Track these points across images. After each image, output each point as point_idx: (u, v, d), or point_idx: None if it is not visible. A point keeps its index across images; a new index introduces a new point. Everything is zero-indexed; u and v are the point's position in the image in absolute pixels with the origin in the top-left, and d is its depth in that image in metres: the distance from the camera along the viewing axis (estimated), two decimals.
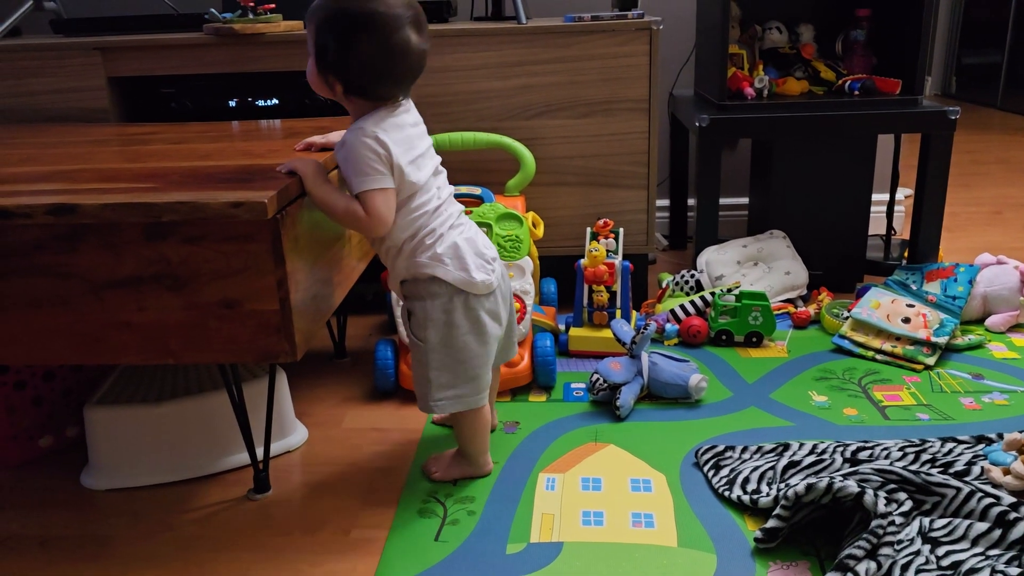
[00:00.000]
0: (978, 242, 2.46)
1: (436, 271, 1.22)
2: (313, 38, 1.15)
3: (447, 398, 1.27)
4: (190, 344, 1.11)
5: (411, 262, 1.23)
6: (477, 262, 1.24)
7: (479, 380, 1.29)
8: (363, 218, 1.16)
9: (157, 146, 1.46)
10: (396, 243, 1.23)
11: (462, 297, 1.23)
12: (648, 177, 1.95)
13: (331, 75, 1.16)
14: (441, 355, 1.25)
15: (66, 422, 1.50)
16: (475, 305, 1.25)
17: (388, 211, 1.17)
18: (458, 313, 1.24)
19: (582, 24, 1.86)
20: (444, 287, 1.23)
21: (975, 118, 4.56)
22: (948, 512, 1.14)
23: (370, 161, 1.14)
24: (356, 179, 1.15)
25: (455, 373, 1.26)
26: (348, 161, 1.16)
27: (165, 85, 1.94)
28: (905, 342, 1.71)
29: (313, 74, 1.18)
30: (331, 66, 1.15)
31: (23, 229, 1.06)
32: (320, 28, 1.14)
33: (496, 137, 1.84)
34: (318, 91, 1.20)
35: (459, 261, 1.22)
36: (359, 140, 1.15)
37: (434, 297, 1.23)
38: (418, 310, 1.25)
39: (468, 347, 1.26)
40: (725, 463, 1.33)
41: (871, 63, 2.13)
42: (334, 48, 1.14)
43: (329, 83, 1.17)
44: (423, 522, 1.24)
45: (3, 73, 1.90)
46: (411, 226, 1.21)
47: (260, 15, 1.88)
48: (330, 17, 1.13)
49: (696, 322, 1.82)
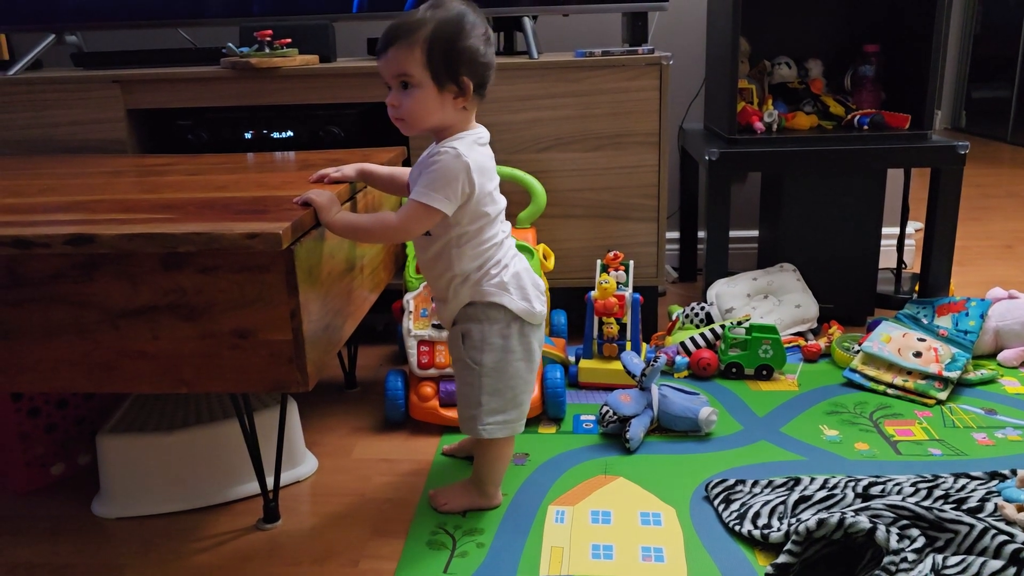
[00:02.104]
0: (989, 276, 2.45)
1: (502, 299, 1.25)
2: (425, 57, 1.15)
3: (496, 423, 1.29)
4: (203, 373, 1.12)
5: (477, 289, 1.25)
6: (535, 292, 1.29)
7: (524, 406, 1.32)
8: (391, 225, 1.20)
9: (174, 177, 1.48)
10: (464, 272, 1.25)
11: (518, 324, 1.27)
12: (658, 210, 1.96)
13: (461, 79, 1.17)
14: (494, 379, 1.27)
15: (78, 450, 1.51)
16: (528, 332, 1.28)
17: (419, 228, 1.21)
18: (514, 339, 1.27)
19: (593, 59, 1.88)
20: (503, 312, 1.25)
21: (985, 152, 4.57)
22: (961, 549, 1.13)
23: (452, 184, 1.17)
24: (425, 188, 1.17)
25: (505, 398, 1.28)
26: (432, 171, 1.17)
27: (182, 117, 1.98)
28: (917, 376, 1.71)
29: (421, 100, 1.17)
30: (457, 72, 1.17)
31: (42, 258, 1.08)
32: (433, 43, 1.15)
33: (507, 170, 1.86)
34: (422, 120, 1.19)
35: (521, 291, 1.26)
36: (457, 162, 1.17)
37: (492, 321, 1.26)
38: (475, 332, 1.26)
39: (519, 373, 1.29)
40: (735, 497, 1.33)
41: (880, 98, 2.15)
42: (456, 52, 1.16)
43: (451, 92, 1.18)
44: (432, 554, 1.24)
45: (25, 105, 1.94)
46: (481, 256, 1.24)
47: (276, 49, 1.92)
48: (437, 28, 1.15)
49: (706, 355, 1.82)
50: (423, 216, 1.18)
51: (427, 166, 1.19)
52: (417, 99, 1.17)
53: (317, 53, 2.01)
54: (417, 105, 1.18)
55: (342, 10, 2.04)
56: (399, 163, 1.70)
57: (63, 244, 1.06)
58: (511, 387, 1.29)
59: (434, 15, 1.16)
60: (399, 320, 1.82)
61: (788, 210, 2.12)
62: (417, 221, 1.19)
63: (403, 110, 1.19)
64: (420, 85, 1.17)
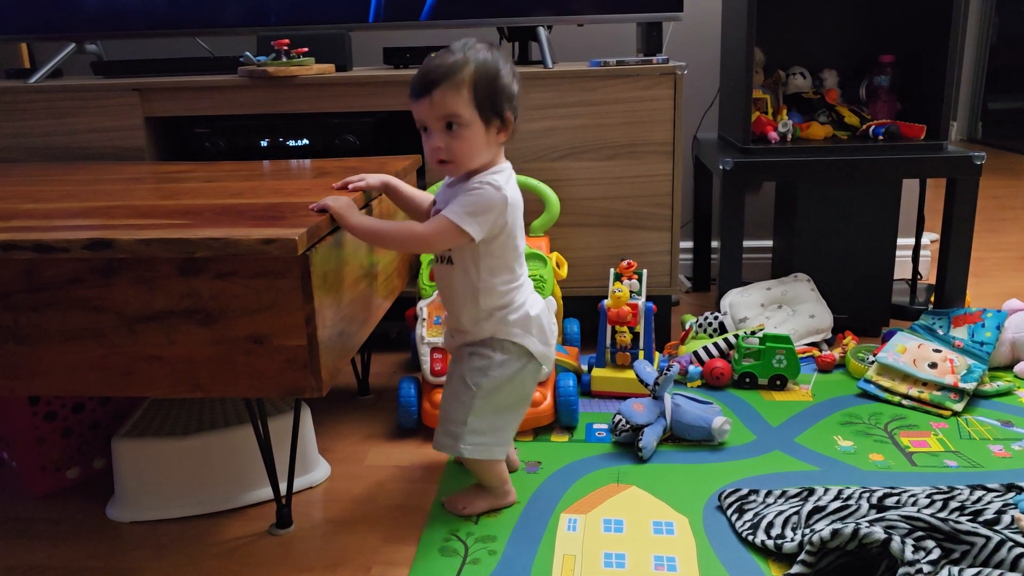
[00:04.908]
0: (1006, 287, 2.44)
1: (525, 341, 1.26)
2: (472, 96, 1.16)
3: (477, 444, 1.29)
4: (218, 378, 1.12)
5: (499, 328, 1.26)
6: (552, 334, 1.31)
7: (505, 434, 1.33)
8: (417, 234, 1.20)
9: (191, 184, 1.49)
10: (489, 308, 1.25)
11: (532, 364, 1.29)
12: (672, 219, 1.96)
13: (505, 115, 1.19)
14: (485, 405, 1.28)
15: (94, 454, 1.52)
16: (535, 372, 1.30)
17: (443, 244, 1.21)
18: (519, 377, 1.28)
19: (608, 68, 1.89)
20: (520, 350, 1.27)
21: (1001, 163, 4.54)
22: (977, 561, 1.12)
23: (487, 214, 1.18)
24: (462, 209, 1.17)
25: (490, 424, 1.29)
26: (472, 196, 1.18)
27: (199, 125, 1.99)
28: (932, 387, 1.69)
29: (471, 139, 1.18)
30: (501, 107, 1.18)
31: (60, 263, 1.09)
32: (478, 81, 1.16)
33: (522, 178, 1.85)
34: (472, 160, 1.19)
35: (542, 334, 1.29)
36: (498, 195, 1.19)
37: (506, 353, 1.27)
38: (485, 358, 1.27)
39: (511, 408, 1.31)
40: (749, 507, 1.32)
41: (895, 108, 2.14)
42: (499, 89, 1.18)
43: (495, 128, 1.20)
44: (444, 561, 1.24)
45: (45, 113, 1.96)
46: (504, 296, 1.25)
47: (293, 58, 1.93)
48: (480, 67, 1.16)
49: (719, 364, 1.82)
50: (452, 234, 1.18)
51: (467, 190, 1.19)
52: (467, 139, 1.18)
53: (333, 62, 2.03)
54: (466, 145, 1.18)
55: (358, 19, 2.06)
56: (414, 170, 1.71)
57: (81, 248, 1.07)
58: (500, 416, 1.30)
59: (473, 55, 1.17)
60: (412, 327, 1.83)
61: (802, 220, 2.11)
62: (444, 237, 1.19)
63: (451, 152, 1.18)
64: (469, 125, 1.17)
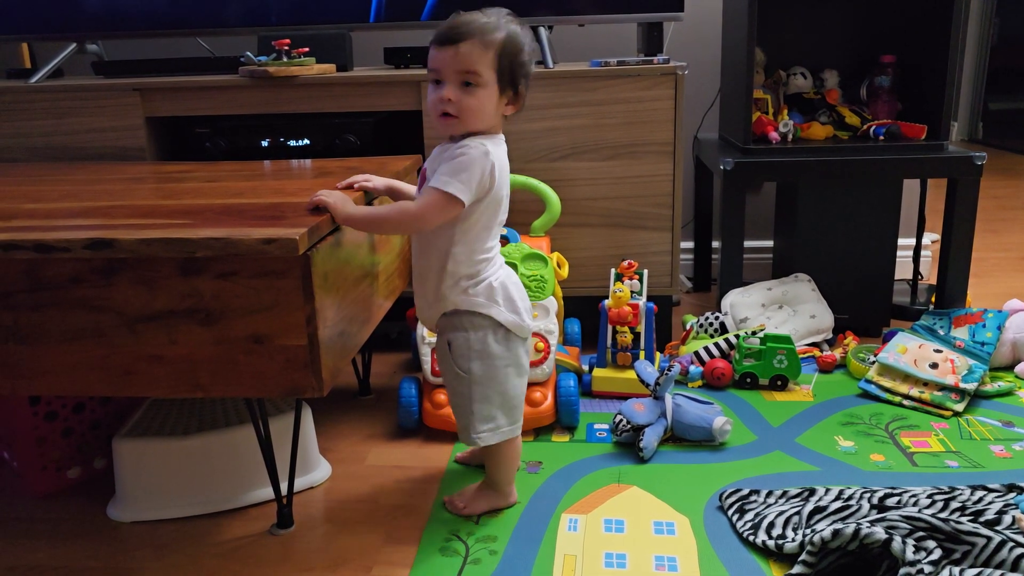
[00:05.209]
0: (1006, 288, 2.43)
1: (490, 311, 1.25)
2: (497, 60, 1.18)
3: (488, 430, 1.29)
4: (219, 378, 1.12)
5: (464, 297, 1.25)
6: (525, 306, 1.30)
7: (515, 412, 1.32)
8: (410, 212, 1.21)
9: (192, 184, 1.49)
10: (456, 276, 1.25)
11: (502, 331, 1.27)
12: (673, 219, 1.96)
13: (519, 88, 1.23)
14: (483, 387, 1.28)
15: (94, 454, 1.52)
16: (513, 340, 1.29)
17: (438, 217, 1.20)
18: (499, 345, 1.27)
19: (608, 69, 1.89)
20: (486, 320, 1.26)
21: (1002, 164, 4.54)
22: (979, 562, 1.12)
23: (474, 175, 1.18)
24: (447, 176, 1.18)
25: (495, 404, 1.29)
26: (456, 161, 1.19)
27: (200, 125, 1.99)
28: (933, 388, 1.69)
29: (483, 99, 1.19)
30: (518, 81, 1.22)
31: (61, 263, 1.09)
32: (505, 48, 1.19)
33: (522, 178, 1.87)
34: (477, 120, 1.21)
35: (510, 303, 1.27)
36: (484, 158, 1.19)
37: (476, 328, 1.26)
38: (460, 340, 1.27)
39: (509, 379, 1.30)
40: (750, 507, 1.32)
41: (896, 108, 2.14)
42: (521, 63, 1.21)
43: (507, 98, 1.22)
44: (445, 561, 1.24)
45: (46, 112, 1.96)
46: (475, 265, 1.25)
47: (294, 58, 1.93)
48: (510, 36, 1.19)
49: (720, 364, 1.82)
50: (443, 204, 1.18)
51: (450, 156, 1.20)
52: (480, 98, 1.19)
53: (334, 62, 2.03)
54: (477, 104, 1.19)
55: (359, 19, 2.06)
56: (415, 170, 1.71)
57: (82, 248, 1.07)
58: (500, 393, 1.29)
59: (507, 24, 1.20)
60: (413, 327, 1.83)
61: (803, 220, 2.11)
62: (437, 208, 1.19)
63: (461, 107, 1.19)
64: (485, 86, 1.19)
